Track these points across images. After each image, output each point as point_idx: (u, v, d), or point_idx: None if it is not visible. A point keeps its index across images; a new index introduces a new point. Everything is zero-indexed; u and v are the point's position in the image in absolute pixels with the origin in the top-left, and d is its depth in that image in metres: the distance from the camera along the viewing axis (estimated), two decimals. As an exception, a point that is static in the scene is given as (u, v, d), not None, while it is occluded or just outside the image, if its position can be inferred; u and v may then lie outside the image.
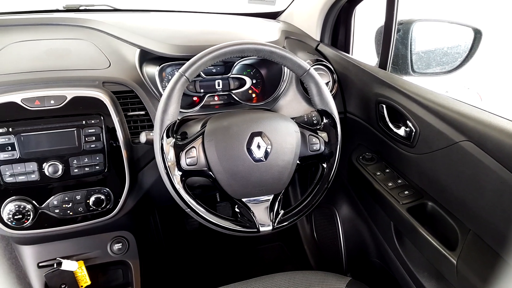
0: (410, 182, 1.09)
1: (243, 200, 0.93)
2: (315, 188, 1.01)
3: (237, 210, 0.95)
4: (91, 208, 1.02)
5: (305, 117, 1.08)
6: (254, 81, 1.31)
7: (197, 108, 1.18)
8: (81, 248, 1.23)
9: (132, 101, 1.08)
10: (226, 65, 1.27)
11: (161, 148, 0.88)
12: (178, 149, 0.89)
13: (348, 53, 1.49)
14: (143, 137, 0.97)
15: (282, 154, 0.93)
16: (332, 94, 1.22)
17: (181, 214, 1.81)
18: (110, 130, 1.00)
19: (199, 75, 1.22)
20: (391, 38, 1.21)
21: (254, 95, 1.32)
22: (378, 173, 1.15)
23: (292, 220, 0.97)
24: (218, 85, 1.26)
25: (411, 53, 1.32)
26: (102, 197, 1.02)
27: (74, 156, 0.98)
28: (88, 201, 1.02)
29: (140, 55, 1.17)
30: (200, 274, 1.82)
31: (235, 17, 1.66)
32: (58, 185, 0.99)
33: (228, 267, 1.86)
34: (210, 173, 0.90)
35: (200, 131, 0.93)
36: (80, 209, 1.01)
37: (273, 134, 0.92)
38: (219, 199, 1.52)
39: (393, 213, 1.06)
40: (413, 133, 1.02)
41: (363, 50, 1.54)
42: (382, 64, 1.25)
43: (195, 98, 1.25)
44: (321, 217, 1.68)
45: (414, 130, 1.01)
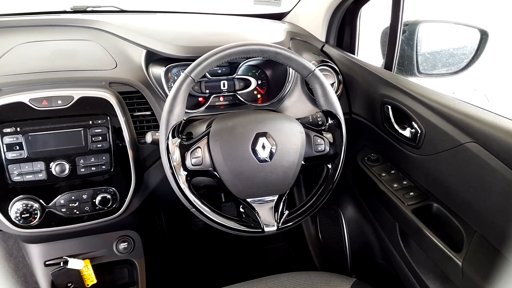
0: (415, 183, 1.09)
1: (248, 200, 0.94)
2: (320, 189, 1.01)
3: (241, 210, 0.95)
4: (97, 207, 1.03)
5: (310, 117, 1.08)
6: (259, 82, 1.31)
7: (203, 108, 1.19)
8: (87, 247, 1.24)
9: (138, 101, 1.09)
10: (232, 66, 1.27)
11: (167, 148, 0.88)
12: (183, 149, 0.89)
13: (354, 54, 1.49)
14: (149, 137, 0.97)
15: (287, 155, 0.93)
16: (337, 95, 1.22)
17: (186, 214, 1.81)
18: (116, 130, 1.01)
19: (204, 76, 1.22)
20: (397, 39, 1.21)
21: (259, 95, 1.32)
22: (383, 174, 1.15)
23: (297, 220, 0.98)
24: (224, 86, 1.26)
25: (416, 54, 1.31)
26: (108, 196, 1.03)
27: (81, 156, 0.99)
28: (94, 201, 1.02)
29: (146, 56, 1.17)
30: (205, 274, 1.82)
31: (240, 18, 1.67)
32: (65, 184, 1.00)
33: (233, 267, 1.86)
34: (215, 173, 0.91)
35: (205, 131, 0.93)
36: (87, 208, 1.02)
37: (278, 135, 0.92)
38: (224, 199, 1.53)
39: (398, 214, 1.06)
40: (418, 134, 1.02)
41: (369, 51, 1.54)
42: (388, 65, 1.25)
43: (200, 99, 1.25)
44: (326, 218, 1.68)
45: (420, 131, 1.01)
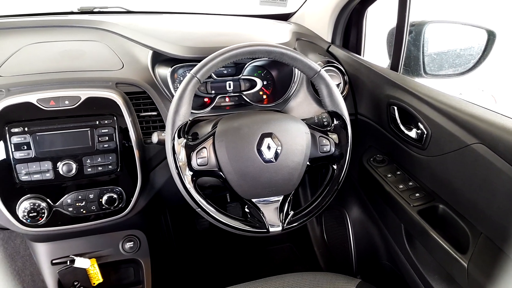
0: (421, 185, 1.08)
1: (253, 200, 0.94)
2: (325, 190, 1.01)
3: (247, 210, 0.95)
4: (103, 207, 1.04)
5: (316, 118, 1.08)
6: (265, 83, 1.31)
7: (208, 109, 1.19)
8: (94, 246, 1.25)
9: (144, 102, 1.09)
10: (237, 67, 1.28)
11: (173, 148, 0.89)
12: (189, 150, 0.90)
13: (360, 54, 1.49)
14: (155, 138, 0.98)
15: (292, 155, 0.93)
16: (343, 96, 1.22)
17: (191, 214, 1.82)
18: (122, 130, 1.02)
19: (210, 77, 1.23)
20: (403, 40, 1.20)
21: (264, 96, 1.32)
22: (389, 175, 1.15)
23: (302, 221, 0.98)
24: (229, 87, 1.27)
25: (423, 54, 1.31)
26: (115, 196, 1.04)
27: (88, 156, 1.00)
28: (100, 200, 1.03)
29: (152, 57, 1.18)
30: (210, 274, 1.82)
31: (246, 18, 1.67)
32: (72, 184, 1.01)
33: (238, 267, 1.87)
34: (221, 173, 0.91)
35: (211, 131, 0.93)
36: (93, 207, 1.03)
37: (283, 135, 0.93)
38: (229, 200, 1.53)
39: (403, 215, 1.06)
40: (424, 135, 1.01)
41: (375, 52, 1.53)
42: (394, 66, 1.24)
43: (206, 99, 1.26)
44: (331, 219, 1.68)
45: (426, 132, 1.01)
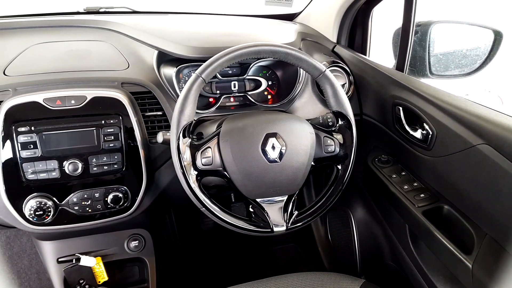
0: (426, 185, 1.08)
1: (258, 200, 0.94)
2: (329, 190, 1.00)
3: (251, 210, 0.96)
4: (109, 206, 1.04)
5: (321, 118, 1.08)
6: (269, 83, 1.31)
7: (213, 109, 1.20)
8: (99, 244, 1.26)
9: (149, 101, 1.10)
10: (242, 67, 1.28)
11: (178, 148, 0.89)
12: (194, 149, 0.90)
13: (365, 55, 1.48)
14: (160, 137, 0.98)
15: (297, 155, 0.93)
16: (348, 96, 1.22)
17: (196, 214, 1.82)
18: (128, 130, 1.02)
19: (215, 77, 1.23)
20: (409, 40, 1.20)
21: (269, 96, 1.32)
22: (394, 176, 1.15)
23: (306, 221, 0.98)
24: (234, 87, 1.27)
25: (429, 55, 1.30)
26: (120, 195, 1.04)
27: (93, 155, 1.00)
28: (106, 199, 1.04)
29: (158, 57, 1.18)
30: (214, 273, 1.83)
31: (251, 19, 1.67)
32: (78, 182, 1.01)
33: (242, 267, 1.87)
34: (225, 173, 0.91)
35: (215, 131, 0.94)
36: (99, 206, 1.04)
37: (288, 135, 0.93)
38: (234, 200, 1.53)
39: (408, 216, 1.05)
40: (429, 136, 1.01)
41: (381, 52, 1.53)
42: (399, 66, 1.24)
43: (211, 99, 1.26)
44: (335, 219, 1.68)
45: (431, 133, 1.00)
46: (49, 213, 0.99)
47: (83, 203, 1.02)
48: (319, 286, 0.95)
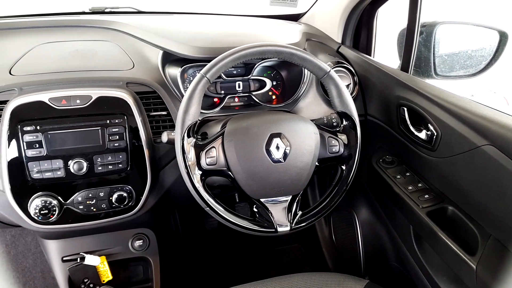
0: (430, 186, 1.08)
1: (262, 200, 0.94)
2: (333, 190, 1.00)
3: (255, 210, 0.96)
4: (113, 205, 1.05)
5: (325, 119, 1.08)
6: (274, 83, 1.31)
7: (218, 109, 1.20)
8: (104, 243, 1.27)
9: (154, 101, 1.10)
10: (247, 67, 1.28)
11: (182, 147, 0.89)
12: (198, 149, 0.90)
13: (370, 55, 1.48)
14: (164, 137, 0.98)
15: (301, 156, 0.93)
16: (352, 97, 1.22)
17: (200, 214, 1.83)
18: (133, 130, 1.03)
19: (220, 77, 1.23)
20: (414, 41, 1.20)
21: (274, 96, 1.32)
22: (398, 177, 1.14)
23: (310, 221, 0.98)
24: (239, 87, 1.27)
25: (434, 55, 1.30)
26: (125, 194, 1.04)
27: (98, 154, 1.01)
28: (111, 198, 1.04)
29: (162, 57, 1.19)
30: (218, 273, 1.83)
31: (256, 19, 1.67)
32: (83, 182, 1.02)
33: (246, 267, 1.87)
34: (229, 173, 0.91)
35: (220, 131, 0.94)
36: (103, 205, 1.04)
37: (292, 136, 0.93)
38: (238, 200, 1.53)
39: (412, 216, 1.05)
40: (434, 137, 1.01)
41: (386, 53, 1.53)
42: (404, 67, 1.24)
43: (215, 99, 1.26)
44: (339, 220, 1.67)
45: (436, 134, 1.00)
46: (54, 212, 1.00)
47: (87, 202, 1.03)
48: (323, 286, 0.95)
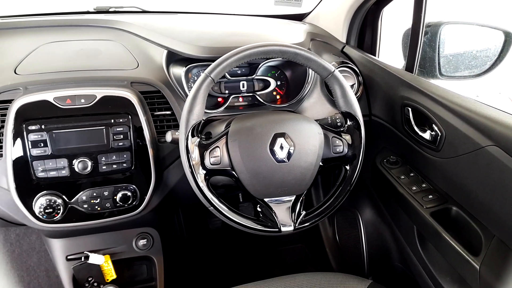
0: (434, 186, 1.07)
1: (265, 200, 0.94)
2: (337, 190, 1.00)
3: (259, 209, 0.96)
4: (118, 204, 1.05)
5: (329, 119, 1.08)
6: (278, 83, 1.31)
7: (222, 109, 1.20)
8: (108, 242, 1.27)
9: (158, 101, 1.10)
10: (251, 67, 1.28)
11: (186, 147, 0.89)
12: (202, 149, 0.90)
13: (375, 55, 1.48)
14: (168, 136, 0.99)
15: (305, 156, 0.93)
16: (357, 97, 1.22)
17: (204, 213, 1.83)
18: (137, 129, 1.03)
19: (224, 76, 1.23)
20: (419, 41, 1.19)
21: (278, 96, 1.32)
22: (402, 177, 1.14)
23: (314, 221, 0.98)
24: (243, 86, 1.27)
25: (439, 56, 1.30)
26: (129, 193, 1.05)
27: (103, 154, 1.01)
28: (115, 197, 1.04)
29: (167, 56, 1.19)
30: (221, 273, 1.83)
31: (261, 18, 1.67)
32: (87, 181, 1.02)
33: (250, 267, 1.87)
34: (233, 172, 0.91)
35: (224, 131, 0.94)
36: (108, 204, 1.04)
37: (296, 136, 0.93)
38: (242, 200, 1.54)
39: (416, 217, 1.05)
40: (438, 137, 1.01)
41: (391, 53, 1.52)
42: (409, 67, 1.23)
43: (219, 99, 1.26)
44: (343, 220, 1.67)
45: (440, 134, 1.00)
46: (58, 211, 1.00)
47: (92, 201, 1.03)
48: (326, 286, 0.95)
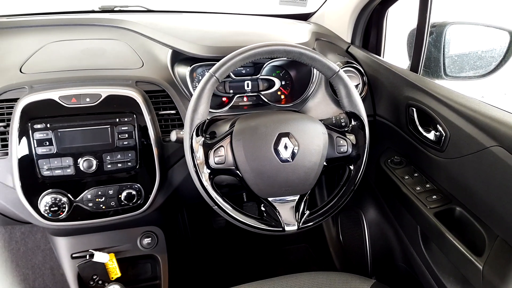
0: (438, 187, 1.07)
1: (269, 199, 0.94)
2: (341, 190, 1.00)
3: (263, 209, 0.96)
4: (122, 203, 1.05)
5: (333, 119, 1.08)
6: (283, 83, 1.32)
7: (226, 108, 1.20)
8: (112, 241, 1.28)
9: (163, 100, 1.11)
10: (256, 66, 1.28)
11: (191, 146, 0.90)
12: (207, 148, 0.91)
13: (380, 55, 1.48)
14: (173, 136, 0.99)
15: (309, 155, 0.93)
16: (361, 97, 1.22)
17: (208, 213, 1.83)
18: (142, 128, 1.03)
19: (228, 76, 1.24)
20: (424, 41, 1.19)
21: (282, 96, 1.32)
22: (406, 177, 1.14)
23: (318, 220, 0.98)
24: (247, 86, 1.27)
25: (444, 56, 1.29)
26: (133, 192, 1.05)
27: (108, 153, 1.02)
28: (120, 196, 1.05)
29: (172, 56, 1.19)
30: (225, 271, 1.84)
31: (265, 18, 1.67)
32: (92, 179, 1.03)
33: (253, 266, 1.88)
34: (238, 172, 0.92)
35: (228, 130, 0.94)
36: (112, 203, 1.05)
37: (301, 135, 0.93)
38: (246, 199, 1.54)
39: (420, 217, 1.05)
40: (443, 137, 1.00)
41: (395, 53, 1.52)
42: (414, 67, 1.23)
43: (224, 99, 1.27)
44: (347, 220, 1.67)
45: (444, 134, 1.00)
46: (63, 209, 1.01)
47: (97, 200, 1.04)
48: (330, 286, 0.95)
